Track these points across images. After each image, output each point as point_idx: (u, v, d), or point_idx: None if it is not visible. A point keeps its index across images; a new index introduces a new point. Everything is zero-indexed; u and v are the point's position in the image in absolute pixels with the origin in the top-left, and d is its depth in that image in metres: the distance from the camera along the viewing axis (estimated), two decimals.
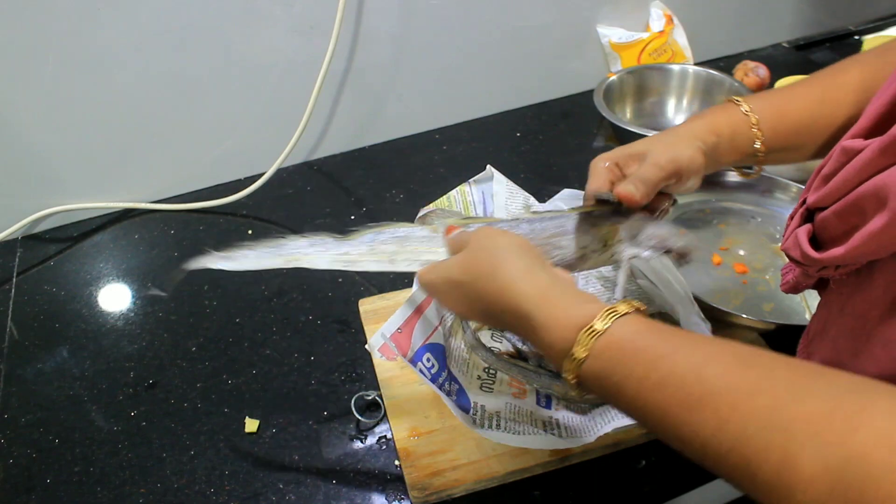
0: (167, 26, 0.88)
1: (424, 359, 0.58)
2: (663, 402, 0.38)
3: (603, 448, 0.64)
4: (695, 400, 0.36)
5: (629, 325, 0.42)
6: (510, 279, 0.47)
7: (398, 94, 1.06)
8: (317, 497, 0.64)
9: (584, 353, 0.42)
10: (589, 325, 0.42)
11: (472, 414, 0.60)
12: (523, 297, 0.46)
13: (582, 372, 0.42)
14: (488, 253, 0.49)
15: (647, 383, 0.39)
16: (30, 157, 0.91)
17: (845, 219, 0.45)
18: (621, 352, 0.41)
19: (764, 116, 0.59)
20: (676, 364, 0.38)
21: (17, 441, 0.70)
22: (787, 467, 0.32)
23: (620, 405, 0.42)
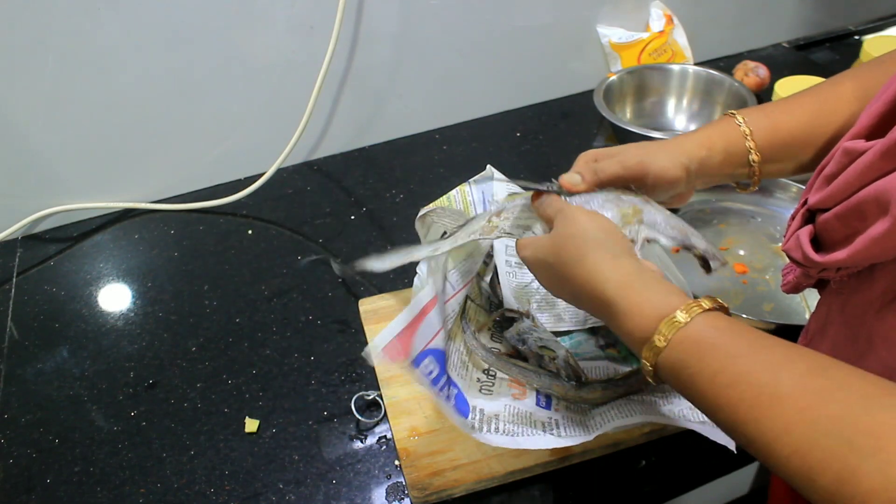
0: (167, 26, 0.88)
1: (424, 363, 0.58)
2: (734, 399, 0.38)
3: (603, 448, 0.64)
4: (765, 401, 0.37)
5: (710, 320, 0.42)
6: (596, 266, 0.48)
7: (398, 94, 1.06)
8: (317, 497, 0.64)
9: (664, 342, 0.42)
10: (671, 316, 0.43)
11: (471, 418, 0.60)
12: (608, 284, 0.47)
13: (659, 361, 0.43)
14: (576, 239, 0.50)
15: (719, 379, 0.39)
16: (30, 157, 0.91)
17: (846, 222, 0.45)
18: (698, 345, 0.41)
19: (758, 128, 0.59)
20: (753, 364, 0.39)
21: (17, 441, 0.70)
22: (847, 478, 0.32)
23: (692, 397, 0.42)
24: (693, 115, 1.10)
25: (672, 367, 0.42)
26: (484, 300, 0.73)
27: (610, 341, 0.72)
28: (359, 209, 0.98)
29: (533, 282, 0.72)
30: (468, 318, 0.70)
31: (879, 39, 1.19)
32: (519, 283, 0.71)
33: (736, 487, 0.94)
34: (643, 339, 0.44)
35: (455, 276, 0.65)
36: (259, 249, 0.92)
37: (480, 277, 0.73)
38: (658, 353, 0.43)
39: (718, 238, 0.87)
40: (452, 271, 0.65)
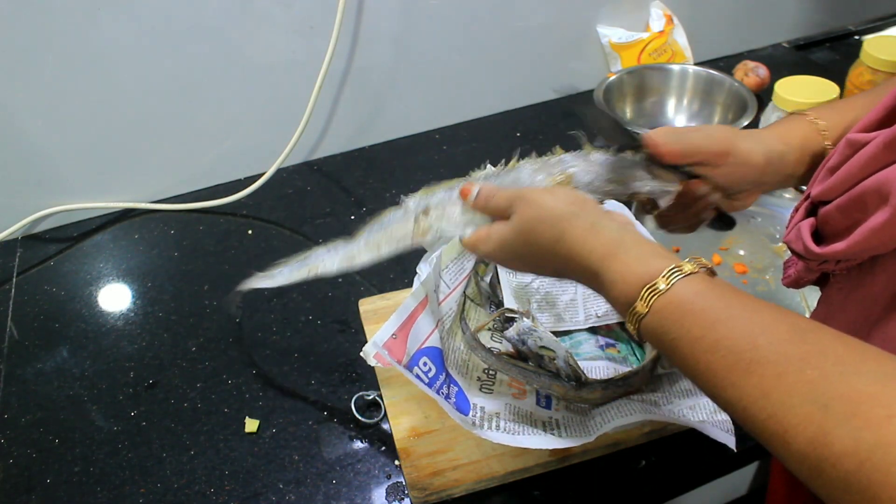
0: (167, 26, 0.88)
1: (421, 363, 0.58)
2: (714, 364, 0.39)
3: (603, 448, 0.64)
4: (744, 365, 0.37)
5: (692, 285, 0.42)
6: (576, 241, 0.48)
7: (398, 94, 1.06)
8: (317, 497, 0.64)
9: (645, 308, 0.43)
10: (652, 283, 0.43)
11: (472, 416, 0.60)
12: (592, 255, 0.47)
13: (641, 326, 0.44)
14: (548, 220, 0.50)
15: (701, 344, 0.40)
16: (30, 156, 0.91)
17: (848, 214, 0.45)
18: (680, 311, 0.42)
19: (832, 124, 0.57)
20: (732, 329, 0.39)
21: (17, 441, 0.70)
22: (820, 442, 0.33)
23: (675, 361, 0.43)
24: (693, 115, 1.10)
25: (654, 332, 0.43)
26: (484, 300, 0.73)
27: (610, 341, 0.72)
28: (359, 209, 0.98)
29: (533, 282, 0.72)
30: (467, 318, 0.70)
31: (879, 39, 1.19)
32: (519, 282, 0.71)
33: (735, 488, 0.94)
34: (626, 305, 0.44)
35: (449, 275, 0.65)
36: (259, 249, 0.92)
37: (480, 277, 0.73)
38: (640, 318, 0.43)
39: (718, 238, 0.87)
40: (446, 270, 0.65)
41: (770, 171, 0.56)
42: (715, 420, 0.59)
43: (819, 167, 0.51)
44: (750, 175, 0.56)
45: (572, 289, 0.73)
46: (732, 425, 0.59)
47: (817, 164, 0.56)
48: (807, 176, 0.58)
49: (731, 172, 0.56)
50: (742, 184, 0.57)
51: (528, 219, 0.51)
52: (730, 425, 0.58)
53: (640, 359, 0.69)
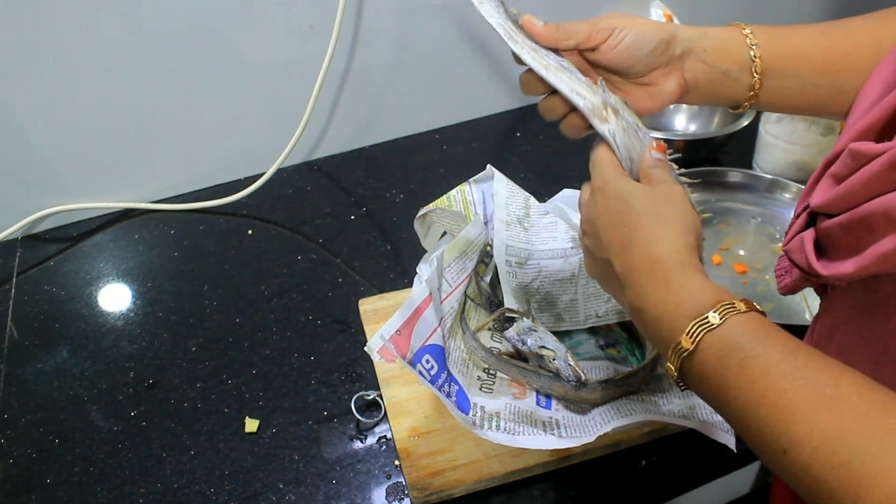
0: (167, 26, 0.88)
1: (424, 360, 0.58)
2: (789, 393, 0.36)
3: (603, 448, 0.64)
4: (824, 400, 0.34)
5: (760, 318, 0.40)
6: (676, 241, 0.45)
7: (398, 94, 1.06)
8: (317, 497, 0.64)
9: (718, 321, 0.40)
10: (728, 302, 0.40)
11: (472, 415, 0.60)
12: (677, 257, 0.44)
13: (708, 338, 0.40)
14: (676, 210, 0.47)
15: (778, 368, 0.37)
16: (30, 157, 0.91)
17: (852, 233, 0.44)
18: (757, 332, 0.39)
19: (759, 32, 0.56)
20: (811, 360, 0.37)
21: (17, 441, 0.70)
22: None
23: (726, 387, 0.39)
24: (693, 115, 1.10)
25: (723, 347, 0.39)
26: (484, 300, 0.73)
27: (610, 341, 0.72)
28: (359, 209, 0.98)
29: (533, 282, 0.72)
30: (467, 318, 0.70)
31: None
32: (519, 283, 0.71)
33: (737, 487, 0.94)
34: (697, 313, 0.41)
35: (451, 274, 0.65)
36: (259, 249, 0.92)
37: (481, 277, 0.73)
38: (708, 329, 0.40)
39: (718, 238, 0.87)
40: (448, 269, 0.65)
41: (675, 59, 0.53)
42: (715, 420, 0.59)
43: (817, 170, 0.50)
44: (650, 56, 0.52)
45: (572, 289, 0.73)
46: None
47: (741, 67, 0.54)
48: (730, 86, 0.54)
49: (616, 51, 0.52)
50: (632, 62, 0.52)
51: (664, 194, 0.48)
52: (729, 426, 0.58)
53: (639, 359, 0.69)
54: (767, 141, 0.92)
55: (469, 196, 0.74)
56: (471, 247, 0.67)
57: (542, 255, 0.73)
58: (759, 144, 0.95)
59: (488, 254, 0.73)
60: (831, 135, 0.89)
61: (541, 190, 0.79)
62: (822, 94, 0.55)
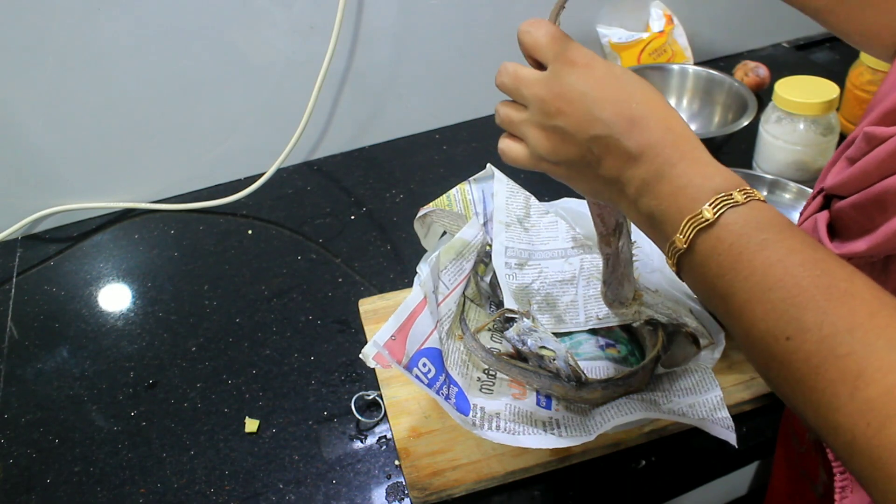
0: (167, 26, 0.88)
1: (420, 364, 0.58)
2: (805, 281, 0.35)
3: (603, 448, 0.64)
4: (839, 293, 0.34)
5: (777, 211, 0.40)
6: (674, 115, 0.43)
7: (398, 94, 1.06)
8: (317, 497, 0.64)
9: (743, 198, 0.39)
10: (743, 188, 0.39)
11: (472, 416, 0.60)
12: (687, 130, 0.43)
13: (734, 210, 0.39)
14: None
15: (796, 257, 0.36)
16: (30, 157, 0.91)
17: (865, 213, 0.44)
18: (777, 221, 0.38)
19: None
20: (831, 256, 0.37)
21: (17, 441, 0.70)
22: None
23: (736, 277, 0.38)
24: (693, 116, 1.10)
25: (745, 224, 0.38)
26: (484, 300, 0.73)
27: (610, 342, 0.72)
28: (359, 209, 0.98)
29: (533, 283, 0.72)
30: (467, 319, 0.70)
31: None
32: (519, 284, 0.71)
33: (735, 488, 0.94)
34: (723, 188, 0.40)
35: (447, 276, 0.65)
36: (259, 249, 0.92)
37: (480, 277, 0.73)
38: (733, 205, 0.39)
39: None
40: (444, 272, 0.65)
41: None
42: (715, 417, 0.59)
43: (836, 154, 0.50)
44: None
45: (573, 290, 0.73)
46: (733, 422, 0.59)
47: None
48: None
49: None
50: None
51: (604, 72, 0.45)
52: (730, 422, 0.58)
53: (639, 359, 0.69)
54: (767, 141, 0.92)
55: (469, 195, 0.74)
56: (467, 248, 0.67)
57: (543, 256, 0.73)
58: (759, 144, 0.95)
59: (488, 254, 0.73)
60: (831, 135, 0.89)
61: (541, 190, 0.79)
62: None
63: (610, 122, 0.43)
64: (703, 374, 0.62)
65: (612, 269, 0.60)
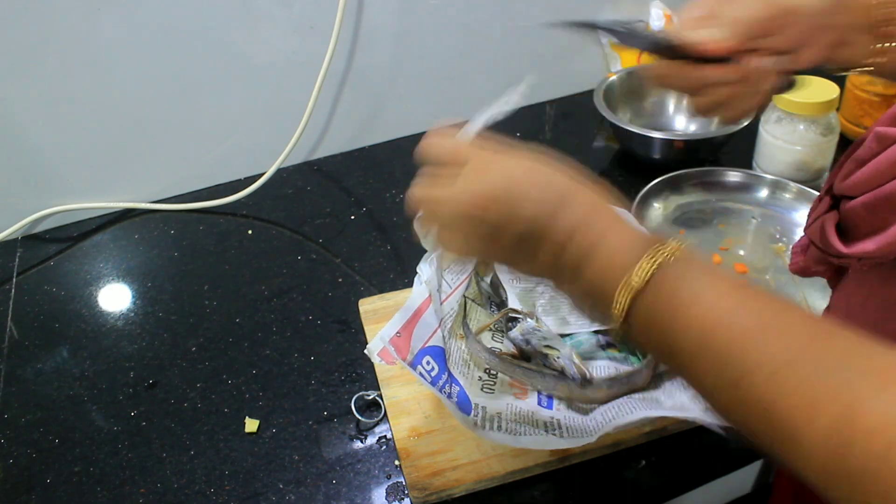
0: (167, 26, 0.88)
1: (424, 362, 0.58)
2: (739, 323, 0.36)
3: (603, 448, 0.64)
4: (773, 330, 0.35)
5: (699, 257, 0.40)
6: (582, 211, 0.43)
7: (398, 94, 1.06)
8: (317, 497, 0.64)
9: (648, 269, 0.39)
10: (669, 245, 0.39)
11: (473, 416, 0.60)
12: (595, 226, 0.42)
13: (649, 286, 0.39)
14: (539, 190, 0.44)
15: (726, 301, 0.37)
16: (30, 157, 0.91)
17: (875, 213, 0.44)
18: (697, 270, 0.39)
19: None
20: (760, 293, 0.37)
21: (17, 441, 0.70)
22: (850, 415, 0.30)
23: (672, 332, 0.38)
24: (693, 116, 1.10)
25: (674, 281, 0.39)
26: (485, 300, 0.73)
27: (610, 340, 0.72)
28: (359, 209, 0.98)
29: (537, 286, 0.72)
30: (468, 320, 0.70)
31: None
32: (524, 287, 0.71)
33: (738, 486, 0.94)
34: (643, 251, 0.40)
35: (450, 275, 0.65)
36: (259, 249, 0.92)
37: (481, 277, 0.73)
38: (659, 264, 0.39)
39: (718, 238, 0.86)
40: (447, 270, 0.65)
41: (837, 9, 0.50)
42: None
43: (844, 156, 0.50)
44: (813, 24, 0.49)
45: None
46: None
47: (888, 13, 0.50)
48: (878, 24, 0.50)
49: (791, 32, 0.49)
50: (805, 37, 0.50)
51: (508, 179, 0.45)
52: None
53: (639, 357, 0.69)
54: (767, 141, 0.92)
55: None
56: None
57: None
58: (759, 144, 0.95)
59: None
60: (831, 135, 0.89)
61: None
62: None
63: (534, 216, 0.43)
64: None
65: None
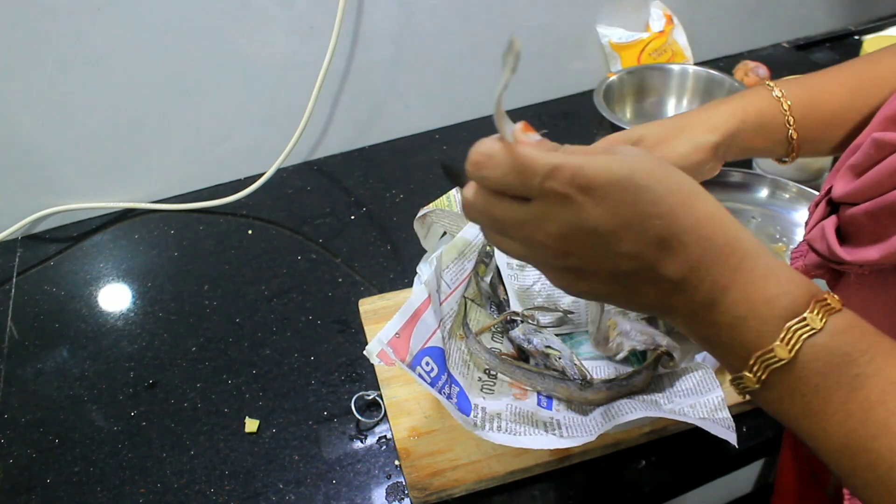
0: (167, 26, 0.88)
1: (423, 363, 0.58)
2: None
3: (603, 448, 0.64)
4: None
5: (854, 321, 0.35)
6: (716, 211, 0.35)
7: (398, 94, 1.06)
8: (317, 497, 0.64)
9: (820, 324, 0.33)
10: (801, 317, 0.33)
11: (473, 416, 0.60)
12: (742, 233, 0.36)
13: (813, 341, 0.33)
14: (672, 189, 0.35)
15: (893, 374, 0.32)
16: (30, 157, 0.91)
17: (879, 221, 0.43)
18: (861, 332, 0.34)
19: (796, 102, 0.55)
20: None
21: (17, 441, 0.70)
22: None
23: (832, 407, 0.33)
24: None
25: (830, 358, 0.33)
26: (484, 300, 0.73)
27: None
28: (359, 209, 0.98)
29: (534, 284, 0.72)
30: (469, 320, 0.70)
31: (879, 39, 1.19)
32: (521, 286, 0.71)
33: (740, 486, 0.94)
34: (793, 312, 0.34)
35: (449, 275, 0.65)
36: (259, 249, 0.92)
37: (480, 278, 0.73)
38: (810, 334, 0.33)
39: None
40: (446, 271, 0.65)
41: (720, 152, 0.56)
42: (716, 418, 0.59)
43: (839, 161, 0.50)
44: (693, 172, 0.54)
45: None
46: (734, 423, 0.59)
47: (778, 140, 0.56)
48: (768, 150, 0.58)
49: (676, 146, 0.55)
50: (688, 152, 0.55)
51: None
52: (731, 423, 0.58)
53: (639, 358, 0.69)
54: None
55: None
56: (469, 248, 0.67)
57: None
58: None
59: (488, 254, 0.73)
60: None
61: None
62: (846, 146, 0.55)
63: (635, 254, 0.35)
64: (705, 375, 0.62)
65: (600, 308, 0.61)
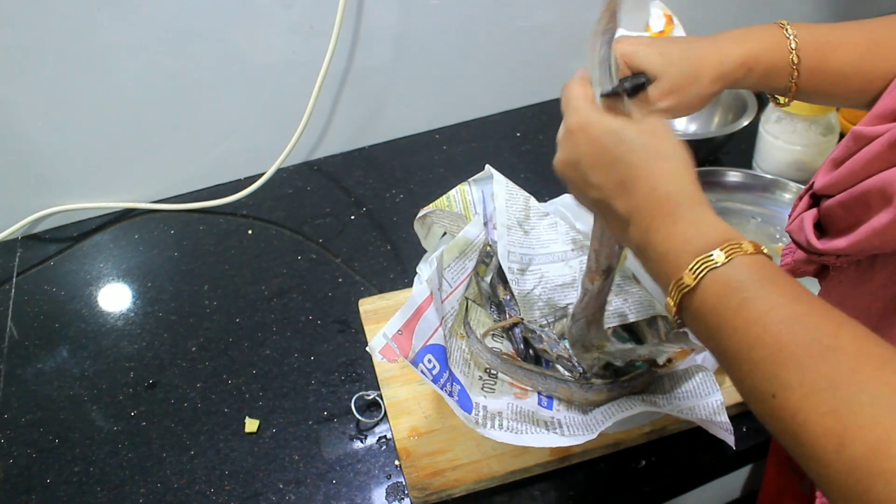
0: (167, 26, 0.88)
1: (426, 360, 0.58)
2: (784, 339, 0.35)
3: (603, 448, 0.64)
4: (819, 349, 0.34)
5: (766, 259, 0.39)
6: (678, 171, 0.44)
7: (398, 94, 1.06)
8: (317, 497, 0.64)
9: (724, 259, 0.39)
10: (734, 242, 0.39)
11: (475, 414, 0.60)
12: (686, 191, 0.43)
13: (714, 274, 0.39)
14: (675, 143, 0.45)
15: (777, 313, 0.36)
16: (30, 157, 0.91)
17: (850, 211, 0.45)
18: (762, 272, 0.38)
19: (806, 56, 0.57)
20: (815, 308, 0.36)
21: (17, 441, 0.70)
22: (882, 451, 0.30)
23: (724, 325, 0.38)
24: (693, 116, 1.10)
25: (725, 286, 0.39)
26: (484, 300, 0.73)
27: None
28: (359, 209, 0.98)
29: (534, 289, 0.72)
30: (469, 320, 0.70)
31: None
32: (521, 290, 0.71)
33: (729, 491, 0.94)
34: (702, 249, 0.40)
35: (451, 274, 0.65)
36: (259, 249, 0.92)
37: (481, 277, 0.73)
38: (712, 267, 0.39)
39: None
40: (448, 269, 0.65)
41: (719, 95, 0.59)
42: (715, 421, 0.59)
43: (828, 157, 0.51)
44: (702, 96, 0.58)
45: (574, 293, 0.72)
46: (732, 426, 0.59)
47: (781, 86, 0.58)
48: (769, 88, 0.60)
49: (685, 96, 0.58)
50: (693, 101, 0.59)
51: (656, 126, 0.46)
52: (729, 426, 0.58)
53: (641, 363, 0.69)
54: (767, 141, 0.92)
55: (469, 196, 0.74)
56: (470, 247, 0.67)
57: (543, 260, 0.73)
58: (759, 144, 0.95)
59: (489, 254, 0.73)
60: (831, 135, 0.89)
61: (541, 190, 0.79)
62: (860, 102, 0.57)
63: (599, 186, 0.45)
64: (705, 377, 0.62)
65: (584, 305, 0.59)
